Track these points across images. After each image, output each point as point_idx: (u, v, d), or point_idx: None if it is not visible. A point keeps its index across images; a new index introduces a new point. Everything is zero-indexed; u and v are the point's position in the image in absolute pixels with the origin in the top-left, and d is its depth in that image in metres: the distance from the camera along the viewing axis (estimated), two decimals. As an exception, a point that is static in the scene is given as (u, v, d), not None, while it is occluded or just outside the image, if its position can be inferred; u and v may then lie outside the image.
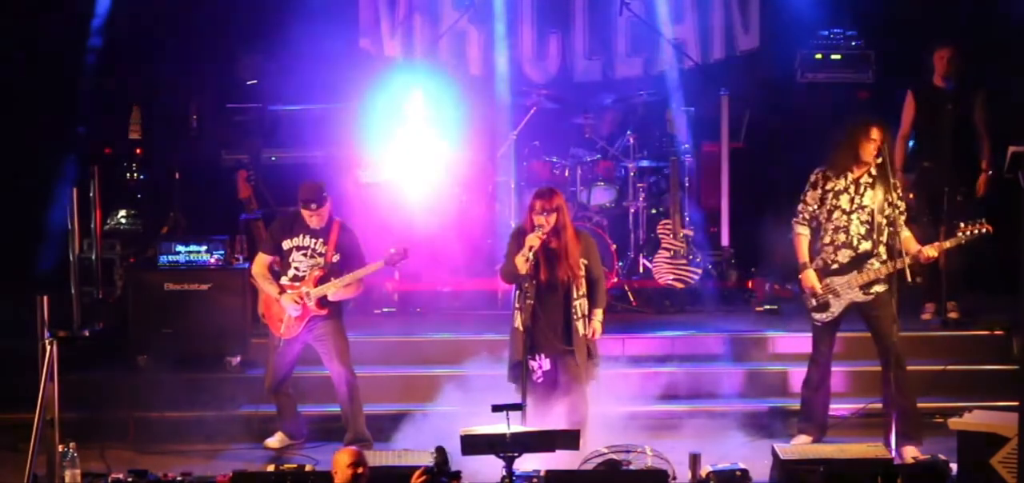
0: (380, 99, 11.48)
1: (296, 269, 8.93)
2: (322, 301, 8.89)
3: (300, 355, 9.11)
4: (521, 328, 8.34)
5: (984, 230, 8.59)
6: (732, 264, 11.65)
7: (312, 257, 8.92)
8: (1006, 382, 9.40)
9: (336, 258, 8.92)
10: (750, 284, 11.48)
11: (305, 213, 8.89)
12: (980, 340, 10.25)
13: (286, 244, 8.98)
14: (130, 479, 8.20)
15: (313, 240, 8.93)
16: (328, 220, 8.97)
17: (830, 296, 8.72)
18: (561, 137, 12.12)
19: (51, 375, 7.72)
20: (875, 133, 8.57)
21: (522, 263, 8.26)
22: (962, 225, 8.70)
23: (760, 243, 11.43)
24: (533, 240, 8.26)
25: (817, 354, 8.92)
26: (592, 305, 8.48)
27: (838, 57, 12.04)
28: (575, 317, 8.40)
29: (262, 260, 9.08)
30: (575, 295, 8.41)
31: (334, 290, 8.87)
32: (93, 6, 11.27)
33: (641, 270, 11.50)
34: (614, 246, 11.33)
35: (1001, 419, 8.07)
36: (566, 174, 11.67)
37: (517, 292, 8.44)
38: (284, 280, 8.95)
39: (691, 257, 11.37)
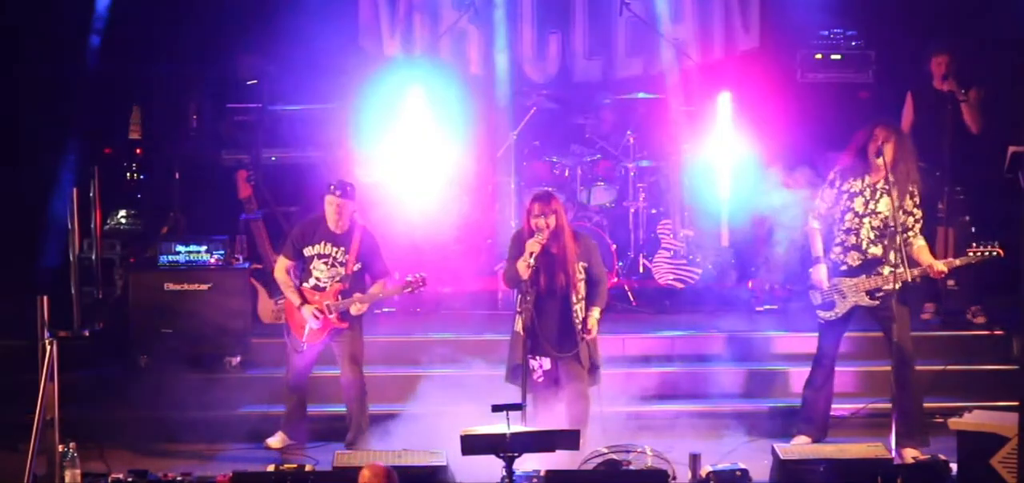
0: (379, 98, 11.48)
1: (317, 279, 8.91)
2: (342, 315, 8.87)
3: (320, 356, 9.11)
4: (521, 332, 8.34)
5: (996, 253, 8.58)
6: (732, 264, 11.64)
7: (333, 266, 8.88)
8: (1006, 382, 9.40)
9: (357, 267, 8.90)
10: (750, 284, 11.47)
11: (326, 199, 8.84)
12: (980, 340, 10.25)
13: (308, 251, 8.95)
14: (130, 479, 8.21)
15: (335, 248, 8.89)
16: (350, 226, 8.93)
17: (836, 295, 8.71)
18: (561, 137, 12.12)
19: (51, 375, 7.72)
20: (878, 133, 8.55)
21: (524, 268, 8.26)
22: (974, 245, 8.71)
23: (760, 243, 11.42)
24: (533, 245, 8.26)
25: (822, 355, 8.91)
26: (590, 304, 8.47)
27: (838, 57, 12.03)
28: (575, 320, 8.40)
29: (283, 265, 9.06)
30: (574, 299, 8.41)
31: (355, 308, 8.85)
32: (93, 6, 11.27)
33: (641, 270, 11.50)
34: (614, 246, 11.33)
35: (1001, 419, 8.08)
36: (566, 174, 11.67)
37: (519, 296, 8.45)
38: (305, 287, 8.93)
39: (691, 257, 11.37)
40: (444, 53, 12.45)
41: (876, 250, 8.63)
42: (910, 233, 8.63)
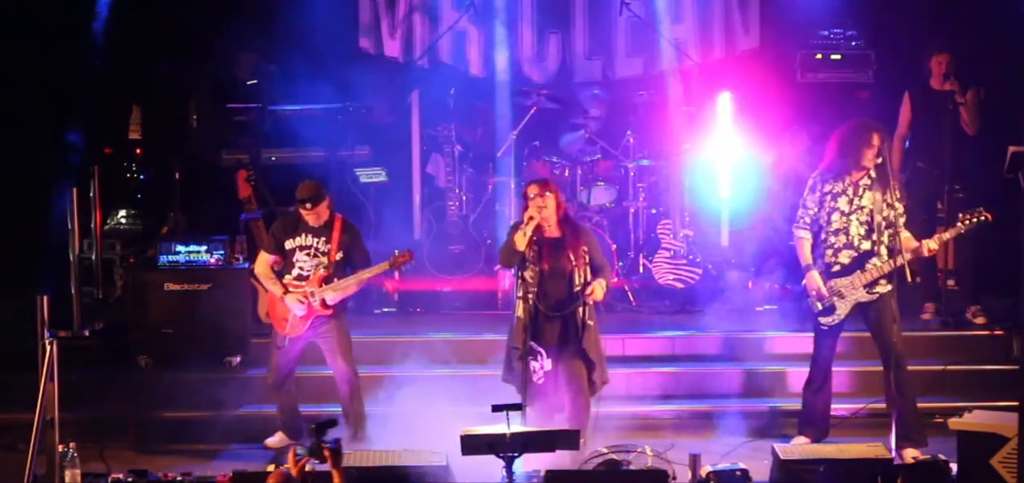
0: (380, 99, 11.49)
1: (300, 269, 8.92)
2: (326, 301, 8.88)
3: (303, 353, 9.11)
4: (523, 317, 8.34)
5: (983, 217, 8.60)
6: (732, 264, 11.65)
7: (316, 256, 8.91)
8: (1006, 382, 9.41)
9: (339, 256, 8.92)
10: (750, 284, 11.47)
11: (302, 212, 8.90)
12: (980, 340, 10.25)
13: (289, 244, 8.97)
14: (130, 479, 8.20)
15: (316, 239, 8.92)
16: (329, 218, 8.96)
17: (835, 298, 8.72)
18: (561, 137, 12.12)
19: (51, 375, 7.72)
20: (875, 138, 8.57)
21: (521, 238, 8.26)
22: (961, 214, 8.73)
23: (760, 243, 11.43)
24: (532, 211, 8.30)
25: (819, 357, 8.91)
26: (595, 278, 8.45)
27: (838, 57, 12.03)
28: (576, 285, 8.38)
29: (264, 260, 9.07)
30: (577, 281, 8.40)
31: (340, 292, 8.85)
32: (93, 6, 11.27)
33: (641, 270, 11.50)
34: (614, 246, 11.33)
35: (1001, 419, 8.07)
36: (566, 174, 11.68)
37: (519, 281, 8.44)
38: (288, 279, 8.94)
39: (691, 257, 11.37)
40: (444, 53, 12.46)
41: (867, 245, 8.66)
42: (896, 227, 8.65)
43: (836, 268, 8.72)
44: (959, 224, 8.70)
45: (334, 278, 8.87)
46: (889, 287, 8.65)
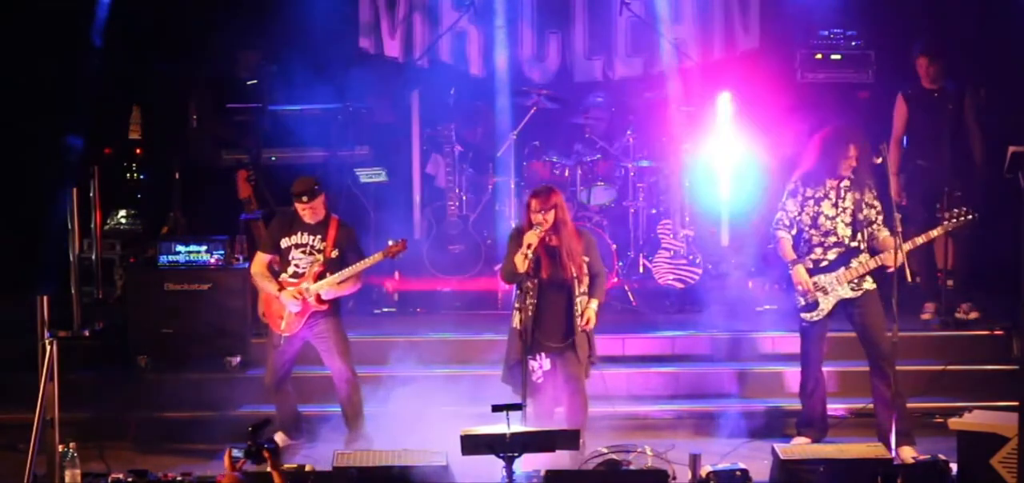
0: (379, 99, 11.48)
1: (296, 266, 8.94)
2: (321, 295, 8.89)
3: (300, 352, 9.11)
4: (519, 328, 8.34)
5: (967, 217, 8.65)
6: (732, 264, 11.64)
7: (311, 254, 8.93)
8: (1006, 382, 9.41)
9: (335, 254, 8.93)
10: (750, 284, 11.47)
11: (298, 207, 8.91)
12: (980, 340, 10.25)
13: (284, 242, 8.99)
14: (130, 479, 8.20)
15: (311, 237, 8.94)
16: (325, 216, 8.97)
17: (819, 293, 8.74)
18: (561, 137, 12.12)
19: (51, 375, 7.72)
20: (851, 150, 8.63)
21: (521, 261, 8.25)
22: (947, 214, 8.80)
23: (760, 243, 11.43)
24: (531, 237, 8.26)
25: (807, 359, 8.94)
26: (590, 296, 8.46)
27: (838, 57, 12.03)
28: (576, 313, 8.39)
29: (261, 259, 9.09)
30: (577, 291, 8.40)
31: (334, 285, 8.86)
32: (93, 6, 11.26)
33: (641, 270, 11.50)
34: (614, 246, 11.33)
35: (1001, 419, 8.08)
36: (566, 174, 11.67)
37: (518, 291, 8.44)
38: (284, 277, 8.95)
39: (691, 257, 11.37)
40: (444, 53, 12.45)
41: (854, 243, 8.70)
42: (874, 226, 8.71)
43: (824, 264, 8.76)
44: (946, 222, 8.75)
45: (329, 274, 8.88)
46: (875, 285, 8.69)
